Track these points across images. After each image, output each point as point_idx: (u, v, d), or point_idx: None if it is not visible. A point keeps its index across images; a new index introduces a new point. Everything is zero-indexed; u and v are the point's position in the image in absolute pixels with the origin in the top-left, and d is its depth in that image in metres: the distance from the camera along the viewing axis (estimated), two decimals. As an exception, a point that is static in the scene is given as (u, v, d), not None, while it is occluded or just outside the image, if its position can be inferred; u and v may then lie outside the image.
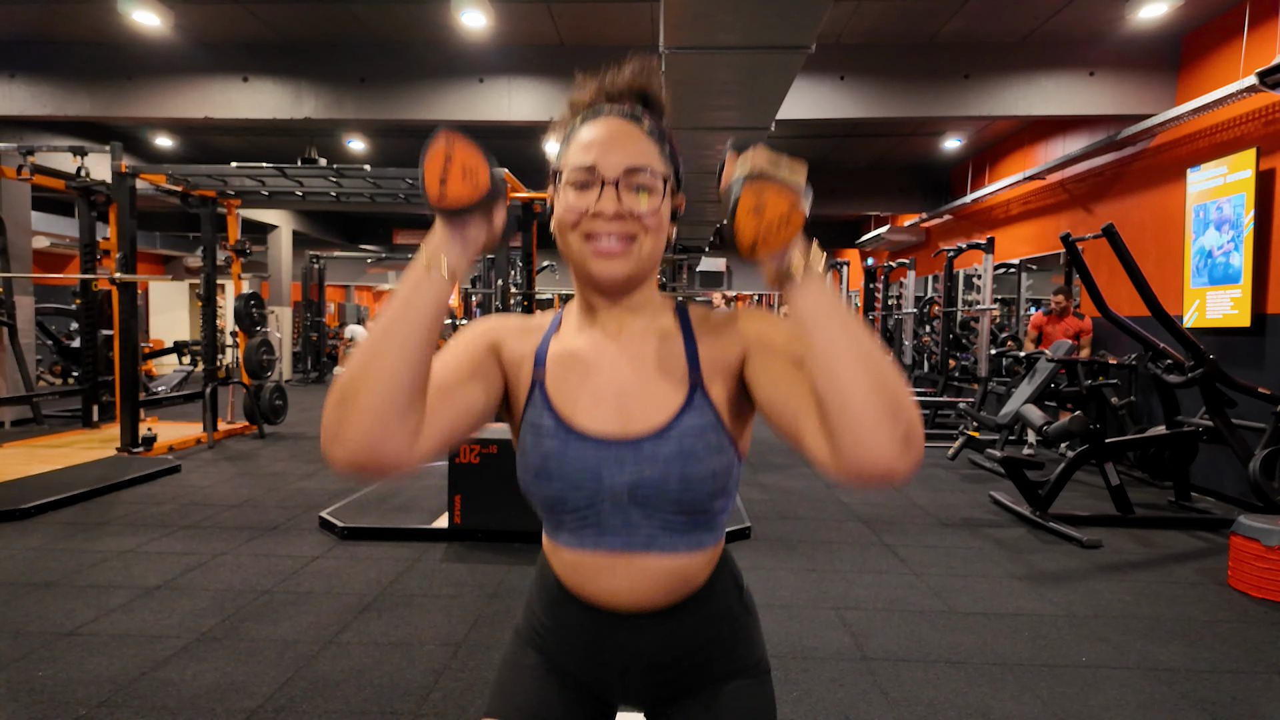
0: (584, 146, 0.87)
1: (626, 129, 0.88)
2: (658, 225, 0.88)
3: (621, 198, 0.85)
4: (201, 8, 5.63)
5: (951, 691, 2.45)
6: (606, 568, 0.91)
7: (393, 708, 2.28)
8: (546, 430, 0.89)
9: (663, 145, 0.90)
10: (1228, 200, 5.06)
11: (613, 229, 0.86)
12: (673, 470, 0.86)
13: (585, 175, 0.86)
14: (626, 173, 0.85)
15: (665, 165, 0.89)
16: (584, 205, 0.86)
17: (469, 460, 3.87)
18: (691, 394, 0.89)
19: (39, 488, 4.65)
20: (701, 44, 3.71)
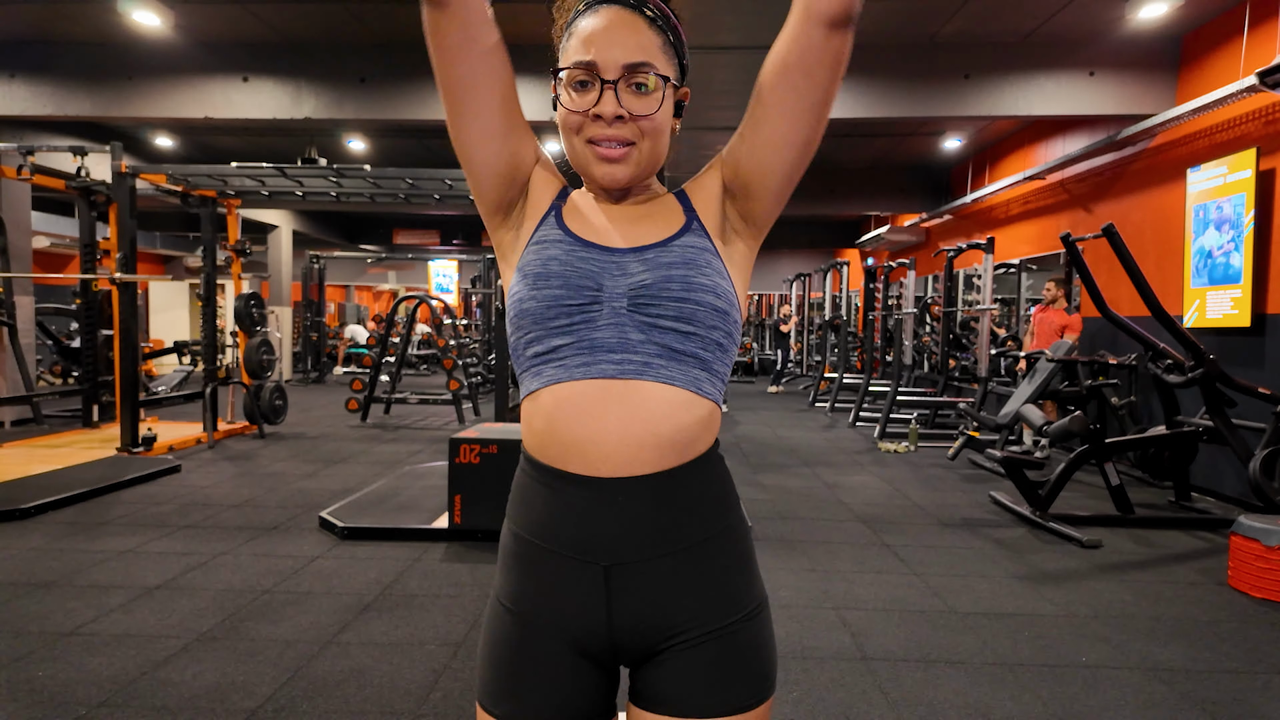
0: (583, 40, 0.86)
1: (627, 19, 0.86)
2: (659, 126, 0.88)
3: (621, 98, 0.84)
4: (201, 8, 5.63)
5: (951, 691, 2.45)
6: (596, 402, 0.83)
7: (393, 708, 2.28)
8: (552, 239, 0.90)
9: (666, 34, 0.88)
10: (1228, 200, 5.06)
11: (613, 133, 0.86)
12: (675, 274, 0.86)
13: (584, 73, 0.85)
14: (627, 70, 0.84)
15: (669, 59, 0.88)
16: (584, 105, 0.85)
17: (469, 460, 3.87)
18: (690, 222, 0.92)
19: (39, 488, 4.65)
20: (701, 44, 3.71)
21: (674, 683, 0.86)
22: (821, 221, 15.56)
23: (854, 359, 11.78)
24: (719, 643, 0.86)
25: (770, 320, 17.83)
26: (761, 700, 0.88)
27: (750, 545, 0.94)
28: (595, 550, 0.85)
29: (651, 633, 0.87)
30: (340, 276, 19.50)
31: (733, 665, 0.86)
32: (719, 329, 0.87)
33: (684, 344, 0.86)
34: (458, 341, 10.10)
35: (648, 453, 0.84)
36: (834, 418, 9.23)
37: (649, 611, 0.86)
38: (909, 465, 6.26)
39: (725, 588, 0.88)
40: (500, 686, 0.89)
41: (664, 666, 0.87)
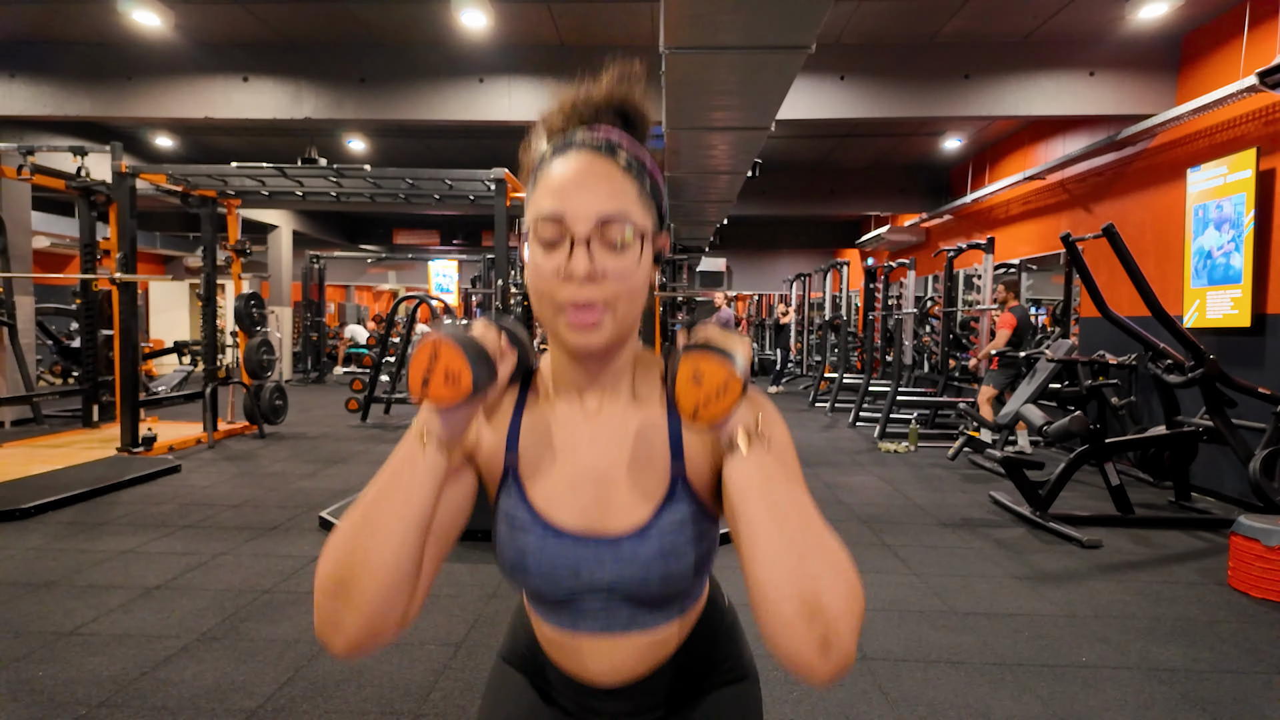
0: (551, 191, 0.77)
1: (599, 167, 0.77)
2: (636, 284, 0.79)
3: (594, 256, 0.75)
4: (201, 8, 5.63)
5: (951, 691, 2.45)
6: (586, 648, 0.87)
7: (393, 708, 2.28)
8: (522, 524, 0.84)
9: (642, 181, 0.79)
10: (1228, 200, 5.05)
11: (585, 295, 0.76)
12: (654, 569, 0.82)
13: (553, 230, 0.76)
14: (599, 224, 0.75)
15: (645, 207, 0.79)
16: (553, 266, 0.76)
17: (469, 460, 3.86)
18: (673, 486, 0.83)
19: (39, 488, 4.65)
20: (701, 44, 3.71)
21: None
22: (821, 221, 15.56)
23: (854, 359, 11.78)
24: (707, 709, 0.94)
25: (770, 320, 17.84)
26: None
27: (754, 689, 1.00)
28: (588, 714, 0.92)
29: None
30: (340, 276, 19.49)
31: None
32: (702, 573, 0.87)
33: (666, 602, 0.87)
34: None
35: (639, 669, 0.88)
36: (834, 418, 9.23)
37: None
38: (909, 465, 6.26)
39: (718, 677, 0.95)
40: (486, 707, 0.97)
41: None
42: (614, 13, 5.61)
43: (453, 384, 0.73)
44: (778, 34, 3.60)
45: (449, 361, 0.73)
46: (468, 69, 6.20)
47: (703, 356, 0.71)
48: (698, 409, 0.72)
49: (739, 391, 0.71)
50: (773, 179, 10.62)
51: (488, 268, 12.21)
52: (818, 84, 6.07)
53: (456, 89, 6.25)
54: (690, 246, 12.56)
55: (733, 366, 0.71)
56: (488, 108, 6.25)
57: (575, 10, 5.56)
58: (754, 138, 5.58)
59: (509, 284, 5.98)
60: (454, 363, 0.73)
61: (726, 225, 12.51)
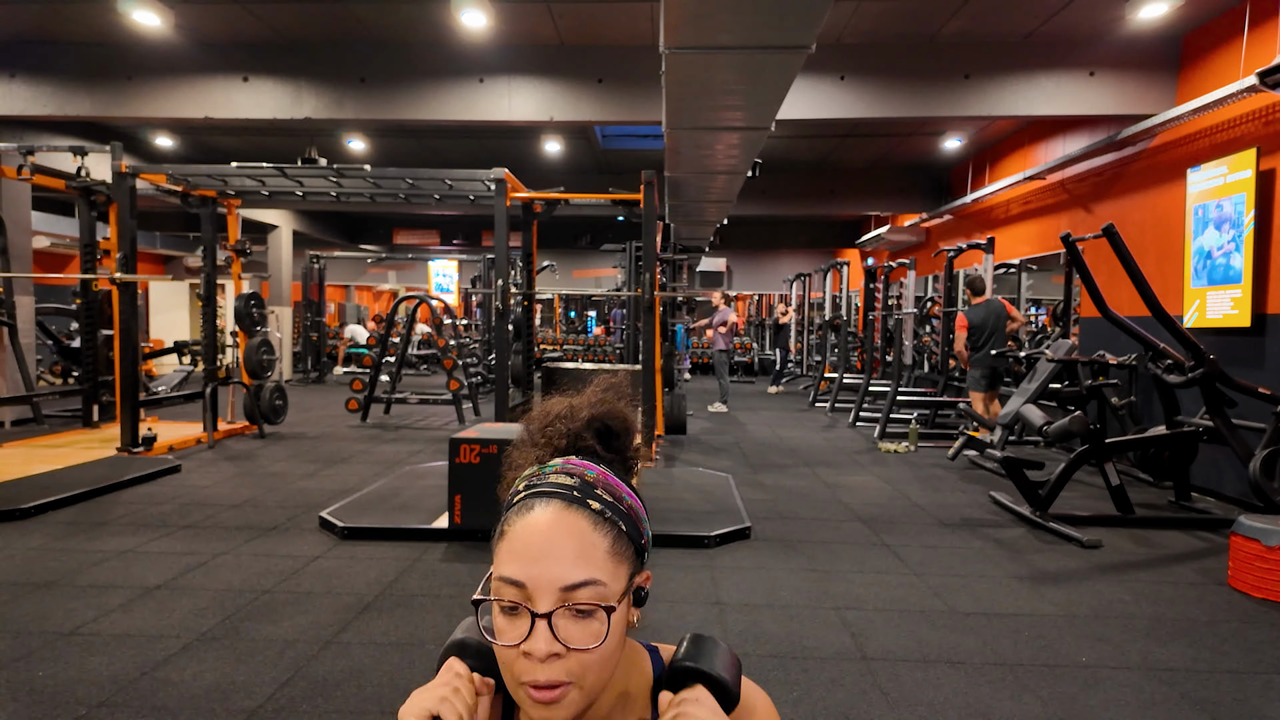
0: (514, 552, 0.71)
1: (567, 521, 0.71)
2: (606, 652, 0.71)
3: (558, 629, 0.69)
4: (201, 8, 5.63)
5: (951, 691, 2.45)
6: None
7: (393, 708, 2.28)
8: None
9: (617, 528, 0.73)
10: (1228, 200, 5.05)
11: (546, 675, 0.69)
12: None
13: (513, 595, 0.70)
14: (564, 592, 0.69)
15: (619, 562, 0.72)
16: (513, 638, 0.70)
17: (469, 460, 3.87)
18: None
19: (39, 488, 4.65)
20: (701, 44, 3.71)
21: None
22: (821, 221, 15.56)
23: (854, 359, 11.78)
24: None
25: (770, 320, 17.84)
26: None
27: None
28: None
29: None
30: (340, 276, 19.49)
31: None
32: None
33: None
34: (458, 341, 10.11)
35: None
36: (834, 418, 9.23)
37: None
38: (909, 465, 6.26)
39: None
40: None
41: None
42: (614, 13, 5.61)
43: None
44: (778, 34, 3.60)
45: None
46: (468, 69, 6.20)
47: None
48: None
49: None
50: (773, 179, 10.62)
51: (488, 267, 12.21)
52: (818, 84, 6.07)
53: (456, 89, 6.25)
54: (690, 246, 12.56)
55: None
56: (488, 108, 6.25)
57: (575, 10, 5.56)
58: (754, 138, 5.58)
59: (509, 284, 5.98)
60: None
61: (726, 225, 12.51)
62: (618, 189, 6.82)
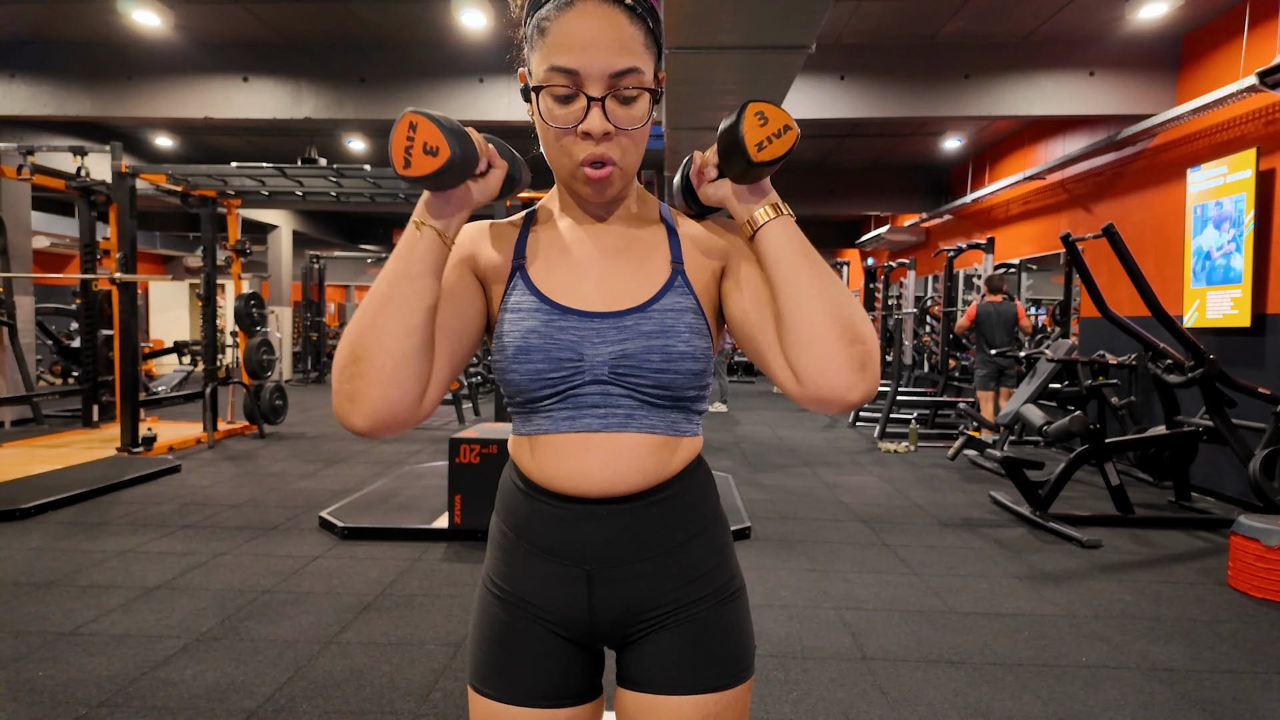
0: (561, 42, 0.79)
1: (608, 13, 0.79)
2: (644, 135, 0.85)
3: (609, 112, 0.80)
4: (201, 8, 5.63)
5: (951, 691, 2.44)
6: (580, 447, 0.87)
7: (393, 708, 2.28)
8: (527, 308, 0.87)
9: (648, 23, 0.82)
10: (1228, 200, 5.05)
11: (600, 152, 0.82)
12: (655, 344, 0.85)
13: (565, 82, 0.80)
14: (612, 79, 0.79)
15: (651, 54, 0.83)
16: (569, 120, 0.81)
17: (469, 460, 3.87)
18: (673, 276, 0.89)
19: (39, 488, 4.65)
20: (701, 44, 3.71)
21: (651, 664, 0.90)
22: (821, 221, 15.56)
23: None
24: (692, 624, 0.90)
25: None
26: (734, 682, 0.90)
27: (727, 537, 0.97)
28: (575, 558, 0.89)
29: (629, 620, 0.90)
30: (340, 276, 19.49)
31: (705, 646, 0.89)
32: (697, 383, 0.89)
33: (664, 400, 0.88)
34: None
35: (629, 481, 0.88)
36: (834, 418, 9.23)
37: (628, 604, 0.90)
38: (909, 465, 6.26)
39: (699, 574, 0.92)
40: (490, 667, 0.93)
41: (642, 648, 0.91)
42: (614, 13, 5.60)
43: (431, 156, 0.77)
44: (777, 34, 3.60)
45: (426, 135, 0.77)
46: (468, 69, 6.20)
47: (764, 104, 0.81)
48: (762, 143, 0.80)
49: (796, 135, 0.80)
50: (773, 179, 10.56)
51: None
52: (818, 84, 6.07)
53: (456, 89, 6.25)
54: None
55: (789, 117, 0.81)
56: (488, 108, 6.25)
57: (575, 10, 5.56)
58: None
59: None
60: (431, 136, 0.77)
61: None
62: (618, 189, 6.81)
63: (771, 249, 0.83)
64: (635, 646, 0.91)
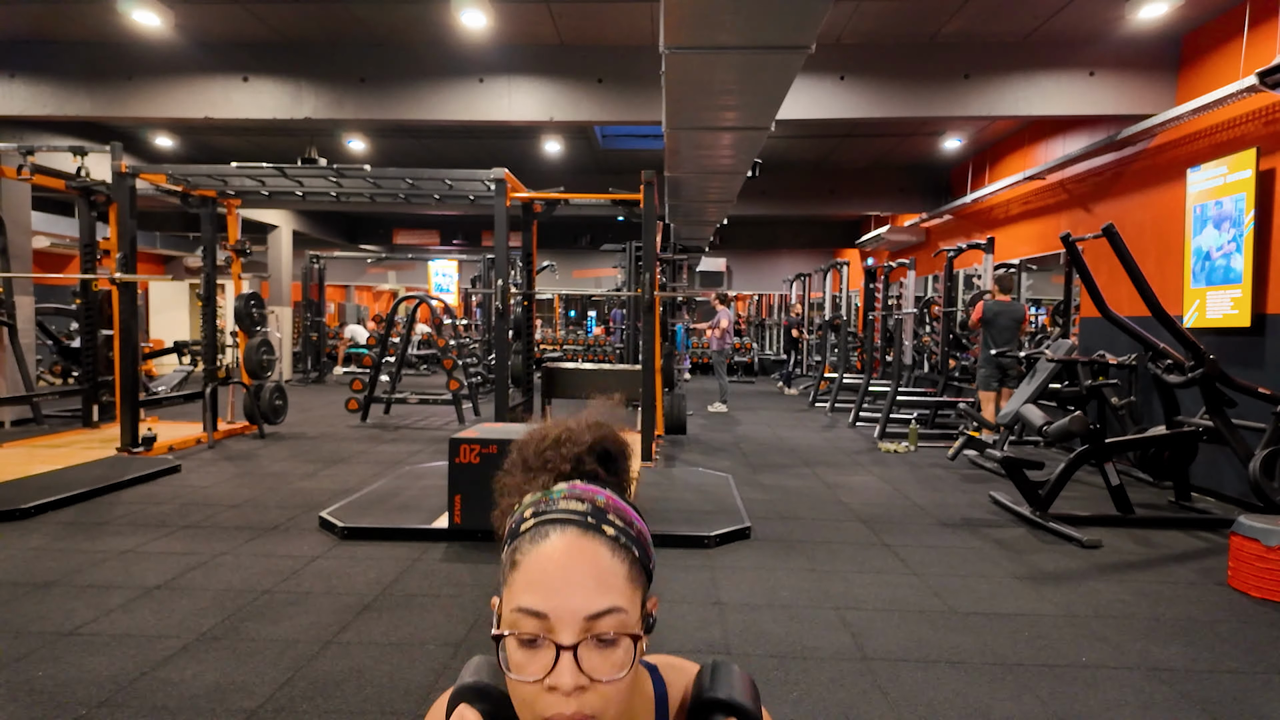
0: (531, 583, 0.68)
1: (586, 548, 0.69)
2: (627, 682, 0.70)
3: (583, 661, 0.67)
4: (201, 8, 5.63)
5: (951, 691, 2.44)
6: None
7: (393, 708, 2.28)
8: None
9: (633, 552, 0.71)
10: (1228, 200, 5.05)
11: (571, 709, 0.67)
12: None
13: (534, 627, 0.67)
14: (587, 622, 0.67)
15: (636, 588, 0.71)
16: (536, 673, 0.67)
17: (469, 460, 3.87)
18: None
19: (39, 488, 4.65)
20: (701, 44, 3.71)
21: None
22: (821, 221, 15.56)
23: (854, 359, 11.78)
24: None
25: (771, 320, 17.83)
26: None
27: None
28: None
29: None
30: (340, 276, 19.49)
31: None
32: None
33: None
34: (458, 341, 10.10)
35: None
36: (834, 418, 9.23)
37: None
38: (909, 465, 6.26)
39: None
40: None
41: None
42: (614, 13, 5.61)
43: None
44: (777, 34, 3.60)
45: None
46: (468, 69, 6.20)
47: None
48: None
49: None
50: (773, 179, 10.62)
51: (488, 267, 12.20)
52: (818, 84, 6.07)
53: (456, 89, 6.25)
54: (690, 246, 12.56)
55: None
56: (488, 108, 6.25)
57: (575, 10, 5.56)
58: (754, 138, 5.58)
59: (509, 284, 5.98)
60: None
61: (726, 225, 12.50)
62: (618, 189, 6.82)
63: None
64: None
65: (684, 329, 13.13)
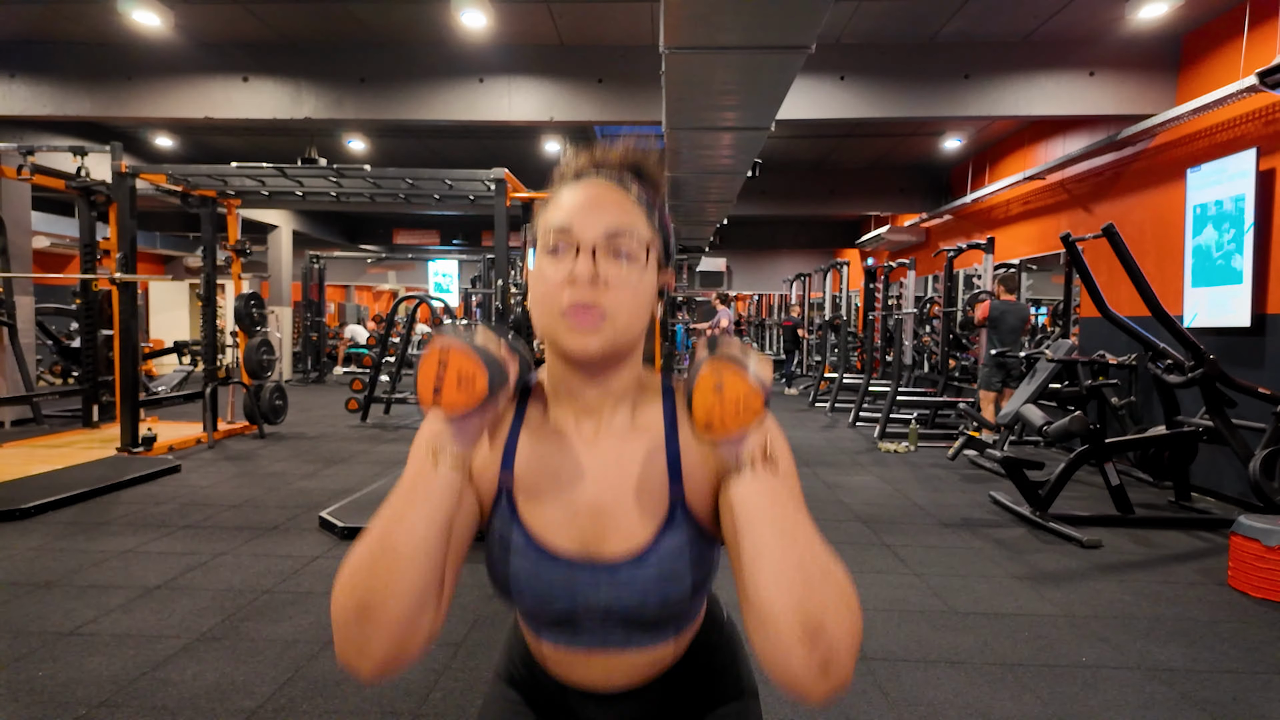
0: (562, 208, 0.80)
1: (611, 192, 0.81)
2: (639, 297, 0.79)
3: (600, 263, 0.77)
4: (201, 8, 5.63)
5: (951, 691, 2.44)
6: (580, 662, 0.87)
7: (393, 708, 2.28)
8: (515, 547, 0.84)
9: (651, 213, 0.83)
10: (1228, 200, 5.05)
11: (587, 298, 0.76)
12: (651, 593, 0.81)
13: (561, 239, 0.78)
14: (607, 236, 0.78)
15: (652, 232, 0.82)
16: (560, 273, 0.77)
17: (469, 460, 3.86)
18: (672, 511, 0.82)
19: (39, 488, 4.65)
20: (701, 44, 3.71)
21: None
22: (821, 221, 15.56)
23: (854, 359, 11.78)
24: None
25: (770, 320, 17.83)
26: None
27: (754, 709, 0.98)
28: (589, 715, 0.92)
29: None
30: (340, 276, 19.49)
31: None
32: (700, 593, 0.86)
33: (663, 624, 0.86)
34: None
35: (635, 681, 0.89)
36: (834, 418, 9.23)
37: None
38: (909, 465, 6.26)
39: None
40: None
41: None
42: (614, 13, 5.61)
43: (466, 389, 0.71)
44: (777, 34, 3.60)
45: (461, 365, 0.71)
46: (468, 69, 6.20)
47: (727, 367, 0.70)
48: (713, 421, 0.70)
49: (759, 410, 0.70)
50: (773, 179, 10.62)
51: (488, 268, 12.20)
52: (818, 84, 6.07)
53: (456, 89, 6.25)
54: (690, 246, 12.57)
55: (756, 383, 0.70)
56: (488, 108, 6.25)
57: (575, 10, 5.56)
58: (754, 138, 5.58)
59: (509, 284, 5.98)
60: (466, 366, 0.71)
61: (726, 225, 12.51)
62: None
63: (740, 512, 0.72)
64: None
65: (684, 329, 13.13)
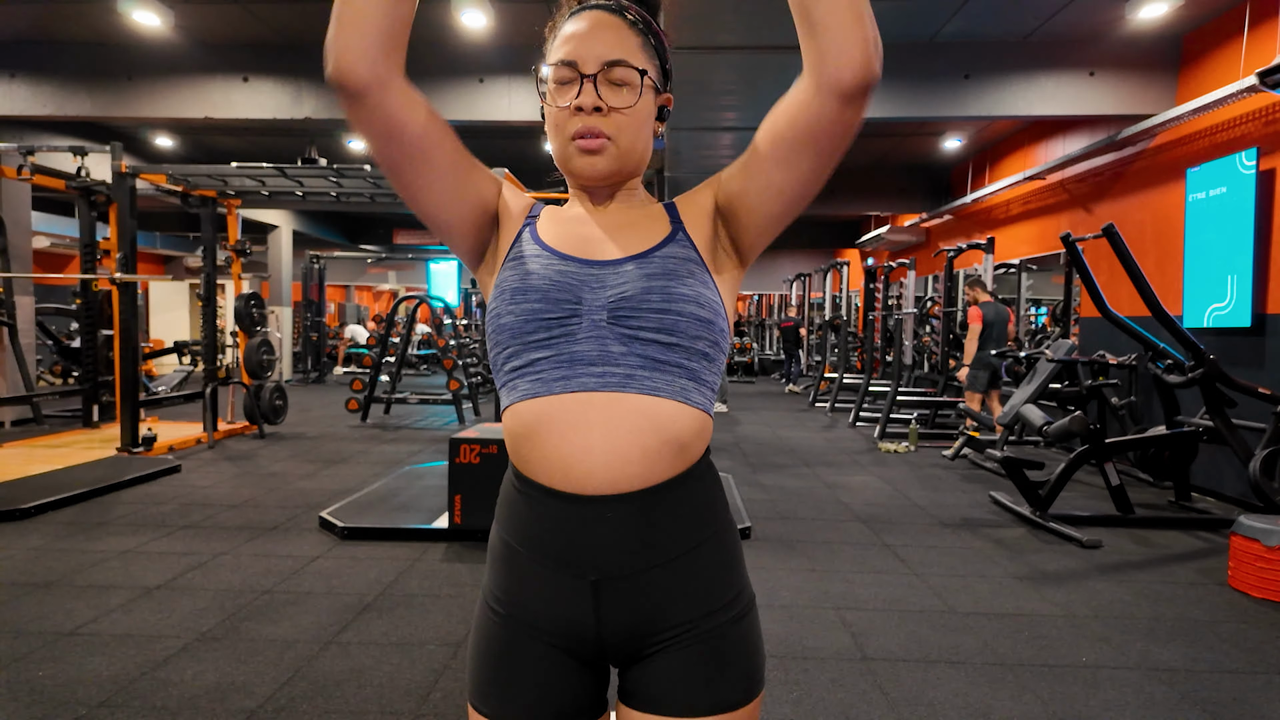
0: (565, 40, 0.89)
1: (608, 21, 0.89)
2: (638, 120, 0.89)
3: (600, 91, 0.87)
4: (201, 8, 5.63)
5: (951, 691, 2.45)
6: (578, 417, 0.83)
7: (393, 708, 2.28)
8: (530, 255, 0.90)
9: (647, 38, 0.90)
10: (1228, 200, 5.05)
11: (591, 124, 0.87)
12: (656, 285, 0.85)
13: (565, 71, 0.88)
14: (606, 66, 0.87)
15: (648, 58, 0.90)
16: (565, 101, 0.88)
17: (469, 460, 3.87)
18: (674, 231, 0.91)
19: (39, 488, 4.65)
20: (701, 44, 3.71)
21: (661, 682, 0.87)
22: (821, 221, 15.56)
23: (854, 359, 11.78)
24: (706, 643, 0.87)
25: (771, 320, 17.83)
26: (749, 699, 0.88)
27: (738, 546, 0.94)
28: (582, 565, 0.86)
29: (639, 637, 0.87)
30: (340, 276, 19.49)
31: (720, 665, 0.87)
32: (703, 338, 0.86)
33: (668, 354, 0.84)
34: (458, 341, 10.10)
35: (634, 467, 0.83)
36: (834, 418, 9.23)
37: (637, 619, 0.87)
38: (909, 465, 6.26)
39: (712, 589, 0.89)
40: (489, 685, 0.90)
41: (652, 666, 0.88)
42: (614, 13, 5.60)
43: None
44: (777, 34, 3.60)
45: None
46: (468, 69, 6.20)
47: None
48: None
49: None
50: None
51: (488, 268, 12.18)
52: (818, 84, 6.06)
53: (456, 89, 6.24)
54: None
55: None
56: (488, 108, 6.25)
57: (575, 10, 5.56)
58: (754, 138, 5.58)
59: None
60: None
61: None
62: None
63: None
64: (644, 664, 0.88)
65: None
